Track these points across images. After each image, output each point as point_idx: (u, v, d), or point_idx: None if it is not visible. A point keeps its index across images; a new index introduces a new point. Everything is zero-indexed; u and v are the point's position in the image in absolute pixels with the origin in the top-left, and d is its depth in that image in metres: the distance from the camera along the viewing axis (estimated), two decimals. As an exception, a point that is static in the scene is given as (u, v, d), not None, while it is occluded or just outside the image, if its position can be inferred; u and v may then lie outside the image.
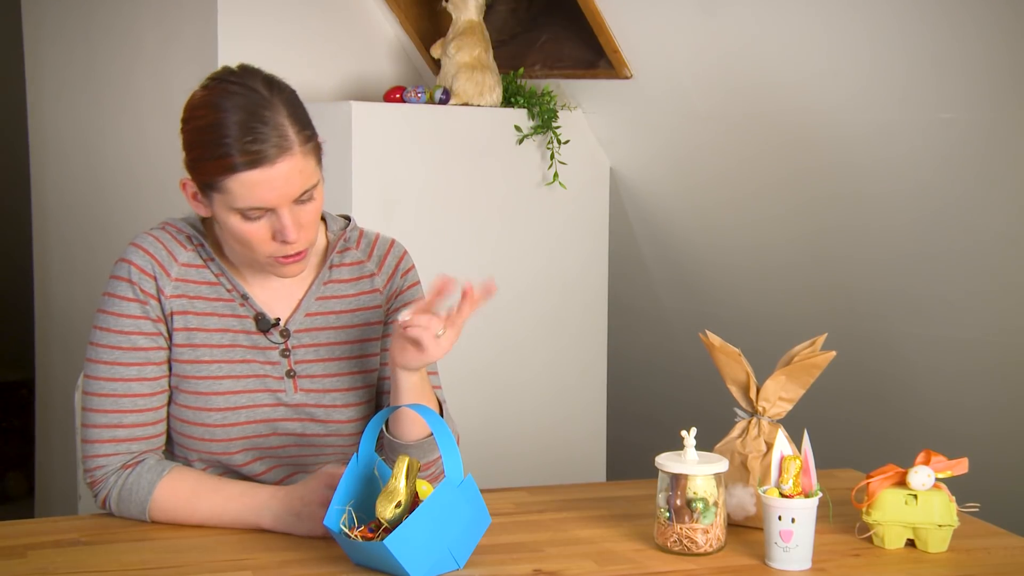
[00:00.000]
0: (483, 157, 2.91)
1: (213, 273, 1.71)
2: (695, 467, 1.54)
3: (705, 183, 2.83)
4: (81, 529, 1.63)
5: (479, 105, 2.87)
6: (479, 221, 2.92)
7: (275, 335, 1.72)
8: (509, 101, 2.93)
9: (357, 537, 1.46)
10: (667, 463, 1.56)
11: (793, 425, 1.70)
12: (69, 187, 3.67)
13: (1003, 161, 2.17)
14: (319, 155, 1.63)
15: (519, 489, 1.84)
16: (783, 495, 1.52)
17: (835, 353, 1.67)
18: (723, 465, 1.56)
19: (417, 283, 1.83)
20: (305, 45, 3.03)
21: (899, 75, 2.20)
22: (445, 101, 2.85)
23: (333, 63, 3.08)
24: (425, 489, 1.47)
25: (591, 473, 3.12)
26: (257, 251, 1.62)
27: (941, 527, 1.58)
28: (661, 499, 1.56)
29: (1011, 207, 2.21)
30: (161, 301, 1.67)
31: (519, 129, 2.92)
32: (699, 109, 2.64)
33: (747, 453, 1.66)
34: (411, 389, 1.63)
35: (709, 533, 1.55)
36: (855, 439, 2.81)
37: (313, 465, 1.75)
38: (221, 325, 1.70)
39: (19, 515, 2.87)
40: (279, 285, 1.74)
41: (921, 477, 1.59)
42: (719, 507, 1.55)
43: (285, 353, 1.72)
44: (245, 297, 1.71)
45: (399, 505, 1.45)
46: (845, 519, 1.68)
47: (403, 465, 1.46)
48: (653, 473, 1.58)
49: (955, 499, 1.60)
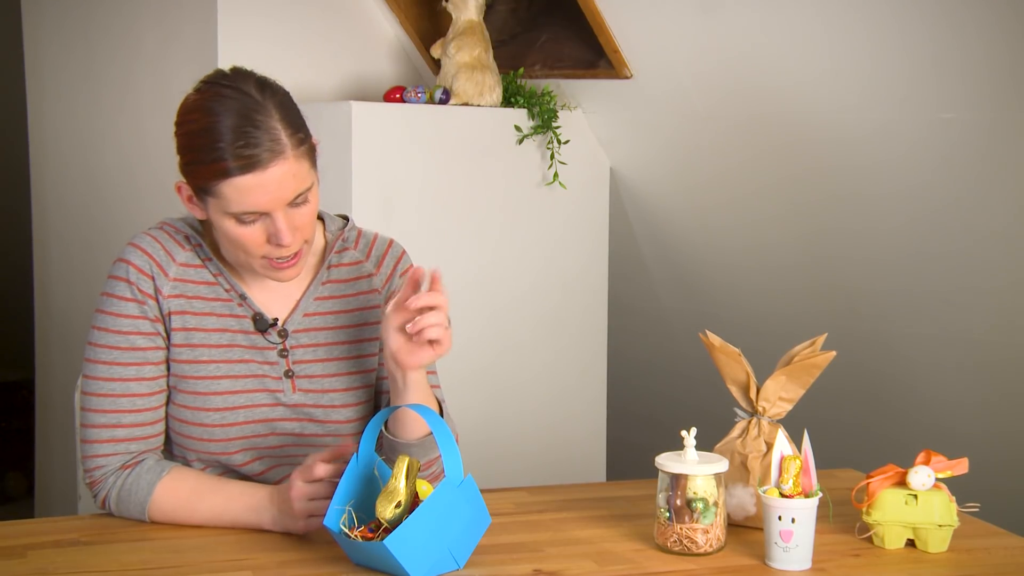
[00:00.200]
0: (483, 157, 2.90)
1: (211, 273, 1.71)
2: (695, 467, 1.54)
3: (705, 183, 2.83)
4: (81, 529, 1.63)
5: (479, 105, 2.87)
6: (479, 221, 2.92)
7: (273, 335, 1.72)
8: (509, 101, 2.93)
9: (357, 537, 1.46)
10: (667, 463, 1.56)
11: (793, 425, 1.70)
12: (69, 187, 3.67)
13: (1003, 161, 2.17)
14: (313, 157, 1.62)
15: (519, 489, 1.84)
16: (783, 495, 1.52)
17: (835, 353, 1.67)
18: (723, 465, 1.56)
19: (416, 283, 1.82)
20: (305, 45, 3.03)
21: (899, 75, 2.20)
22: (445, 101, 2.85)
23: (333, 63, 3.08)
24: (425, 489, 1.47)
25: (591, 473, 3.12)
26: (252, 254, 1.62)
27: (941, 527, 1.58)
28: (661, 499, 1.56)
29: (1011, 207, 2.21)
30: (159, 301, 1.67)
31: (519, 129, 2.92)
32: (699, 109, 2.64)
33: (747, 453, 1.66)
34: (417, 386, 1.62)
35: (709, 533, 1.55)
36: (855, 439, 2.81)
37: (312, 465, 1.76)
38: (219, 325, 1.70)
39: (19, 515, 2.87)
40: (277, 285, 1.74)
41: (921, 477, 1.59)
42: (719, 507, 1.55)
43: (283, 353, 1.72)
44: (243, 297, 1.71)
45: (399, 505, 1.45)
46: (845, 519, 1.68)
47: (403, 465, 1.46)
48: (653, 473, 1.58)
49: (955, 499, 1.60)
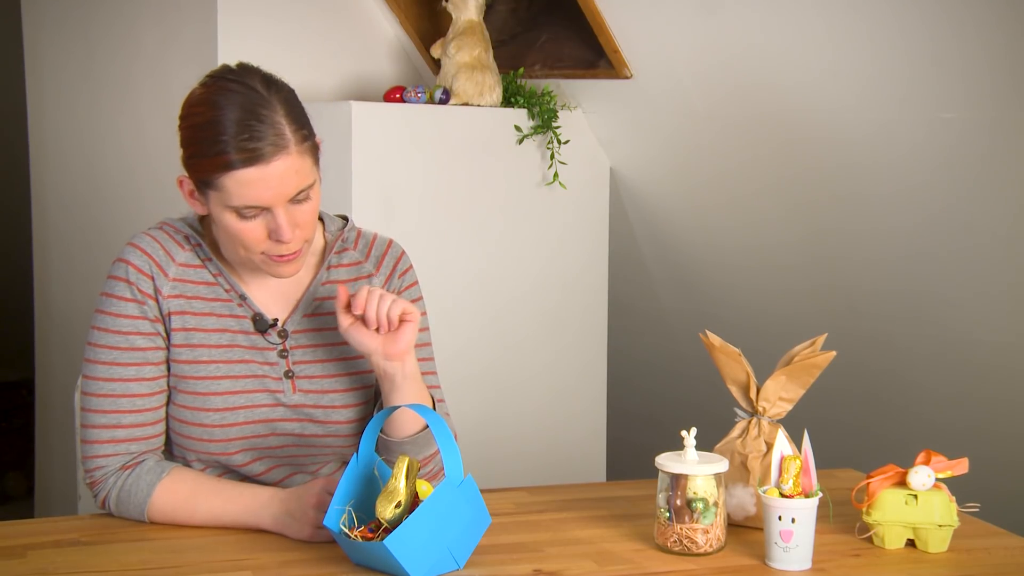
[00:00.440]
0: (483, 157, 2.90)
1: (211, 273, 1.71)
2: (695, 467, 1.54)
3: (705, 183, 2.83)
4: (81, 529, 1.63)
5: (479, 105, 2.87)
6: (479, 221, 2.92)
7: (273, 335, 1.72)
8: (509, 101, 2.93)
9: (357, 537, 1.46)
10: (667, 463, 1.56)
11: (793, 425, 1.70)
12: (69, 187, 3.67)
13: (1004, 161, 2.17)
14: (316, 155, 1.63)
15: (519, 489, 1.84)
16: (783, 495, 1.52)
17: (835, 353, 1.67)
18: (723, 465, 1.56)
19: (415, 283, 1.82)
20: (305, 45, 3.03)
21: (899, 75, 2.20)
22: (445, 101, 2.85)
23: (333, 63, 3.08)
24: (425, 489, 1.47)
25: (591, 473, 3.12)
26: (251, 249, 1.62)
27: (941, 527, 1.58)
28: (661, 499, 1.56)
29: (1011, 206, 2.21)
30: (159, 301, 1.67)
31: (519, 129, 2.92)
32: (699, 109, 2.64)
33: (747, 453, 1.66)
34: (414, 377, 1.64)
35: (709, 533, 1.55)
36: (855, 439, 2.81)
37: (312, 465, 1.75)
38: (219, 325, 1.70)
39: (19, 515, 2.87)
40: (277, 285, 1.74)
41: (921, 477, 1.59)
42: (719, 507, 1.55)
43: (283, 354, 1.72)
44: (243, 297, 1.71)
45: (399, 505, 1.45)
46: (845, 519, 1.68)
47: (403, 465, 1.46)
48: (653, 473, 1.58)
49: (955, 499, 1.60)
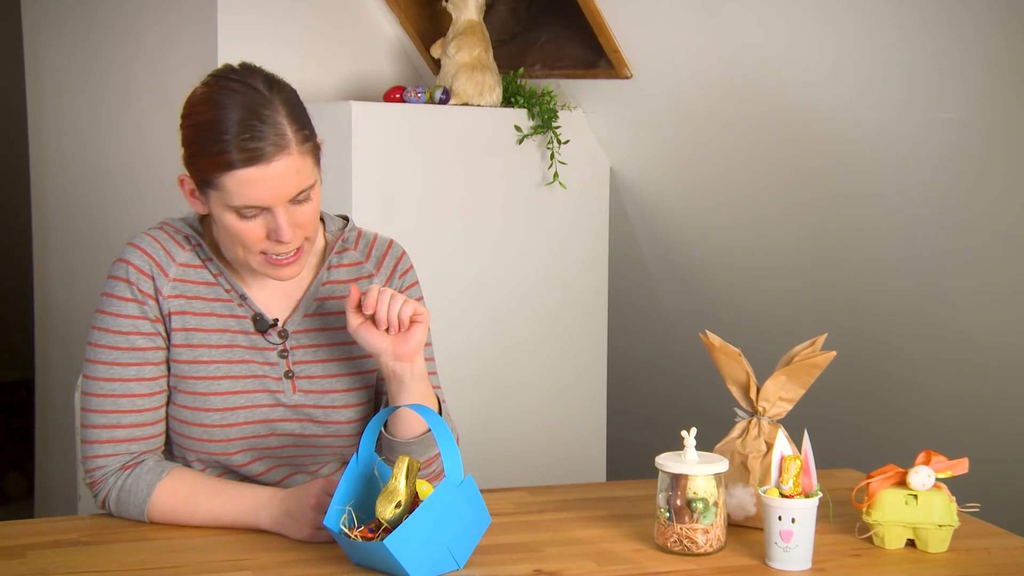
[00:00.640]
0: (483, 157, 2.90)
1: (211, 273, 1.71)
2: (695, 467, 1.54)
3: (705, 183, 2.83)
4: (81, 529, 1.63)
5: (479, 105, 2.87)
6: (479, 221, 2.92)
7: (273, 336, 1.72)
8: (509, 101, 2.93)
9: (357, 537, 1.46)
10: (667, 463, 1.55)
11: (793, 425, 1.70)
12: (69, 187, 3.67)
13: (1003, 161, 2.17)
14: (317, 156, 1.63)
15: (519, 489, 1.84)
16: (783, 495, 1.52)
17: (835, 353, 1.67)
18: (723, 465, 1.56)
19: (416, 283, 1.82)
20: (305, 45, 3.03)
21: (900, 75, 2.20)
22: (445, 101, 2.85)
23: (333, 63, 3.08)
24: (425, 489, 1.47)
25: (591, 473, 3.12)
26: (250, 250, 1.62)
27: (941, 527, 1.58)
28: (661, 499, 1.56)
29: (1011, 206, 2.21)
30: (159, 301, 1.67)
31: (519, 129, 2.92)
32: (699, 109, 2.64)
33: (747, 453, 1.66)
34: (421, 377, 1.64)
35: (709, 533, 1.55)
36: (855, 439, 2.81)
37: (312, 466, 1.75)
38: (219, 325, 1.70)
39: (19, 515, 2.87)
40: (277, 286, 1.74)
41: (921, 477, 1.59)
42: (719, 507, 1.55)
43: (283, 354, 1.72)
44: (243, 297, 1.71)
45: (399, 505, 1.45)
46: (845, 519, 1.68)
47: (403, 465, 1.46)
48: (653, 473, 1.58)
49: (955, 499, 1.60)
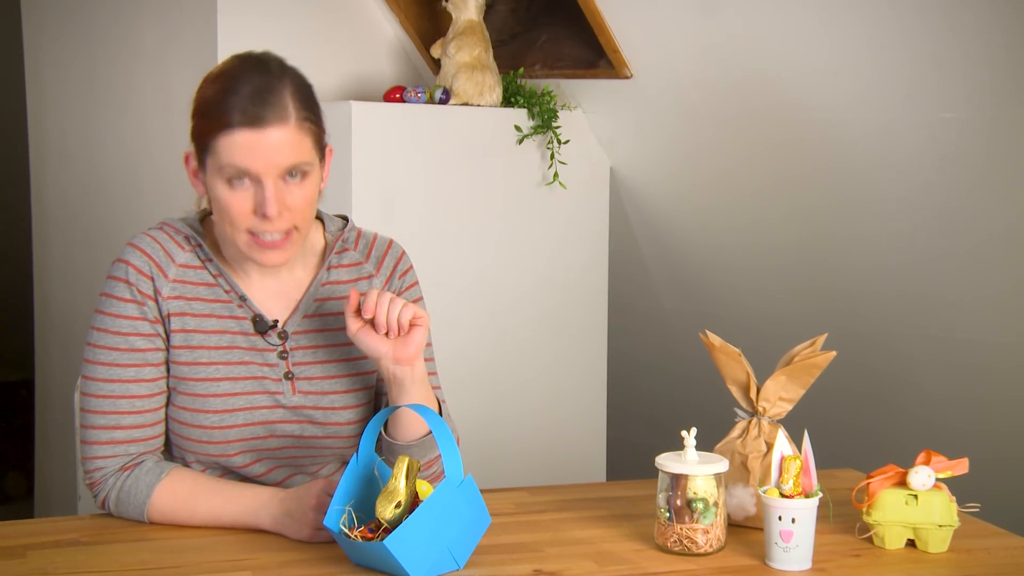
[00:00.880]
0: (483, 157, 2.90)
1: (211, 274, 1.71)
2: (695, 467, 1.54)
3: (705, 183, 2.83)
4: (81, 529, 1.63)
5: (479, 105, 2.87)
6: (479, 221, 2.92)
7: (273, 337, 1.72)
8: (509, 101, 2.93)
9: (357, 537, 1.46)
10: (667, 463, 1.55)
11: (793, 425, 1.70)
12: (69, 187, 3.67)
13: (1004, 161, 2.17)
14: (319, 143, 1.64)
15: (519, 489, 1.84)
16: (783, 495, 1.52)
17: (835, 353, 1.67)
18: (723, 465, 1.56)
19: (416, 283, 1.82)
20: (305, 45, 3.03)
21: (900, 75, 2.20)
22: (445, 101, 2.85)
23: (333, 63, 3.08)
24: (425, 489, 1.47)
25: (591, 473, 3.12)
26: (237, 226, 1.61)
27: (941, 527, 1.58)
28: (661, 499, 1.56)
29: (1012, 206, 2.21)
30: (159, 302, 1.67)
31: (519, 129, 2.92)
32: (699, 109, 2.64)
33: (747, 453, 1.66)
34: (422, 379, 1.64)
35: (709, 533, 1.55)
36: (855, 439, 2.81)
37: (312, 466, 1.75)
38: (219, 327, 1.69)
39: (19, 515, 2.87)
40: (277, 287, 1.74)
41: (921, 477, 1.59)
42: (719, 507, 1.55)
43: (283, 355, 1.72)
44: (243, 298, 1.71)
45: (399, 505, 1.45)
46: (845, 519, 1.68)
47: (403, 465, 1.46)
48: (653, 473, 1.58)
49: (955, 499, 1.60)
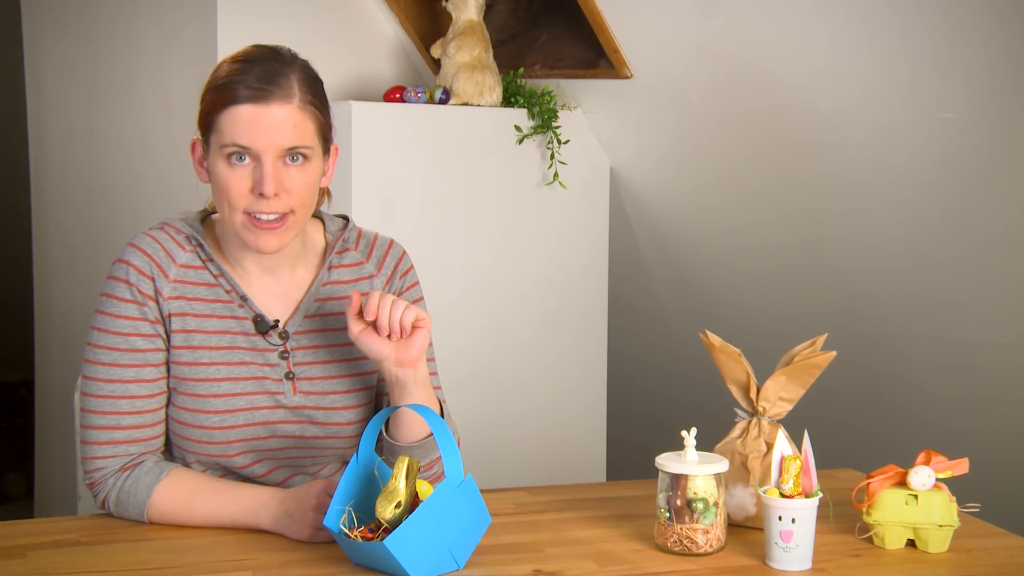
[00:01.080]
0: (483, 157, 2.90)
1: (212, 274, 1.71)
2: (695, 467, 1.54)
3: (705, 183, 2.83)
4: (81, 529, 1.63)
5: (479, 105, 2.87)
6: (479, 221, 2.92)
7: (274, 337, 1.72)
8: (509, 101, 2.93)
9: (357, 537, 1.46)
10: (667, 463, 1.55)
11: (793, 425, 1.70)
12: (69, 187, 3.67)
13: (1004, 161, 2.17)
14: (322, 132, 1.65)
15: (519, 489, 1.84)
16: (783, 495, 1.52)
17: (835, 353, 1.67)
18: (723, 465, 1.56)
19: (416, 283, 1.82)
20: (305, 45, 2.99)
21: (900, 75, 2.20)
22: (445, 101, 2.85)
23: (333, 63, 3.08)
24: (425, 489, 1.47)
25: (591, 473, 3.12)
26: (235, 206, 1.61)
27: (941, 527, 1.58)
28: (661, 499, 1.56)
29: (1012, 207, 2.21)
30: (159, 302, 1.67)
31: (519, 129, 2.92)
32: (699, 109, 2.64)
33: (747, 453, 1.66)
34: (424, 381, 1.64)
35: (709, 533, 1.55)
36: (855, 439, 2.81)
37: (312, 467, 1.75)
38: (219, 327, 1.69)
39: (18, 515, 2.87)
40: (278, 287, 1.73)
41: (921, 477, 1.59)
42: (719, 507, 1.55)
43: (284, 355, 1.72)
44: (244, 298, 1.71)
45: (399, 505, 1.45)
46: (845, 519, 1.67)
47: (403, 465, 1.46)
48: (653, 473, 1.58)
49: (955, 499, 1.60)
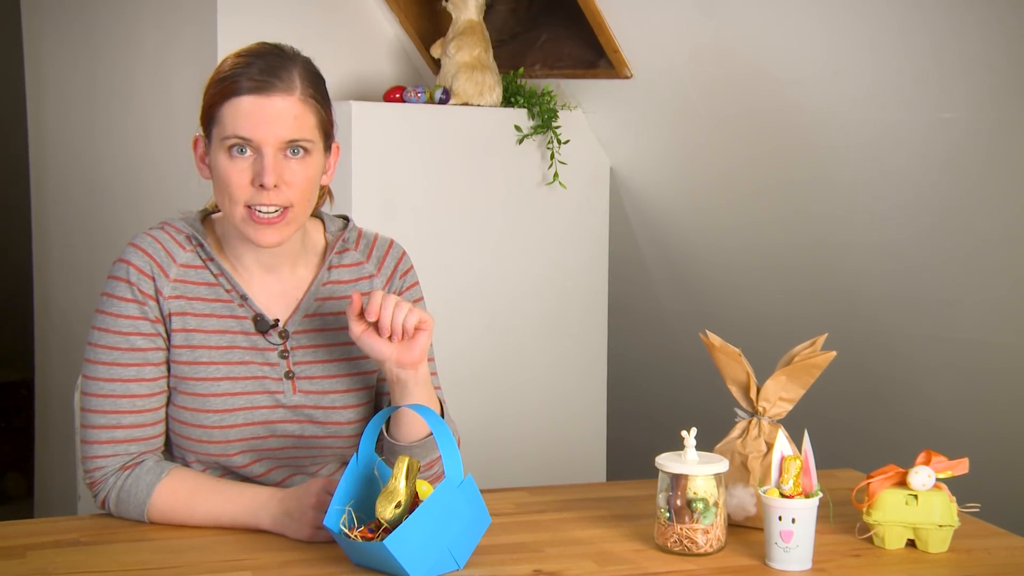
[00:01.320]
0: (483, 157, 2.90)
1: (212, 273, 1.71)
2: (695, 467, 1.54)
3: (705, 183, 2.83)
4: (81, 529, 1.63)
5: (479, 105, 2.87)
6: (479, 221, 2.92)
7: (274, 336, 1.72)
8: (509, 101, 2.93)
9: (357, 537, 1.46)
10: (667, 463, 1.55)
11: (793, 425, 1.70)
12: (69, 187, 3.67)
13: (1004, 161, 2.17)
14: (322, 127, 1.65)
15: (519, 489, 1.84)
16: (783, 495, 1.52)
17: (835, 353, 1.67)
18: (723, 465, 1.56)
19: (416, 283, 1.82)
20: (305, 45, 3.00)
21: (900, 75, 2.20)
22: (445, 101, 2.85)
23: (333, 63, 3.07)
24: (425, 489, 1.47)
25: (591, 473, 3.12)
26: (236, 200, 1.62)
27: (942, 527, 1.58)
28: (661, 499, 1.56)
29: (1012, 207, 2.21)
30: (159, 302, 1.67)
31: (519, 129, 2.92)
32: (699, 109, 2.64)
33: (747, 453, 1.66)
34: (425, 381, 1.64)
35: (709, 533, 1.55)
36: (855, 439, 2.81)
37: (312, 466, 1.75)
38: (220, 326, 1.69)
39: (18, 515, 2.87)
40: (278, 286, 1.74)
41: (922, 477, 1.59)
42: (719, 507, 1.55)
43: (284, 354, 1.72)
44: (244, 298, 1.71)
45: (399, 505, 1.45)
46: (845, 519, 1.68)
47: (403, 465, 1.46)
48: (653, 473, 1.58)
49: (955, 499, 1.60)
